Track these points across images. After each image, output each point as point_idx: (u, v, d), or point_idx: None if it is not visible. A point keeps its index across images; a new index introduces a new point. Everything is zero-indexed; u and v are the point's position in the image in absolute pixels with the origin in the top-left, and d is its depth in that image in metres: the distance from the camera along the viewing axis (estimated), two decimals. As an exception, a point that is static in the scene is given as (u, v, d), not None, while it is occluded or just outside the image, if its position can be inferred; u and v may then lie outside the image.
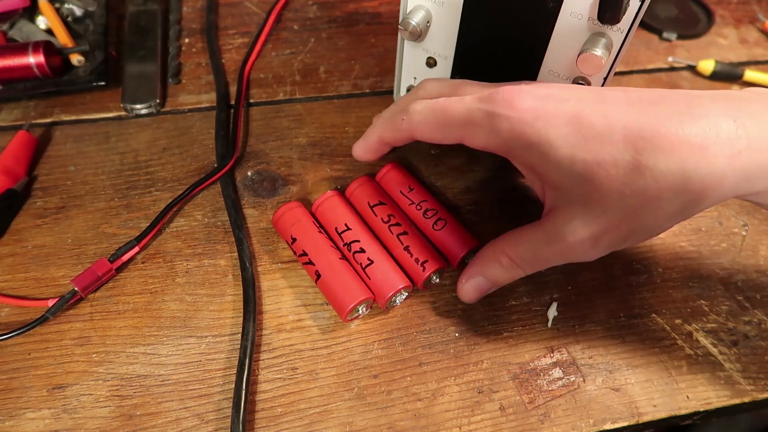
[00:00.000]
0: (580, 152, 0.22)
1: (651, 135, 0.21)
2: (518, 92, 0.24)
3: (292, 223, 0.30)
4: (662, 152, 0.21)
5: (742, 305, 0.31)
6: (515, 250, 0.26)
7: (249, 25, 0.45)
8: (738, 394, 0.28)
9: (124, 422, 0.26)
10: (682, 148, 0.21)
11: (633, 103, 0.22)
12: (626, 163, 0.22)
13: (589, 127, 0.22)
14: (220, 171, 0.34)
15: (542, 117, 0.23)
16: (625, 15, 0.26)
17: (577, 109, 0.23)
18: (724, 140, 0.21)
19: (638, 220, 0.23)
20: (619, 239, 0.24)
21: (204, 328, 0.29)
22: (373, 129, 0.30)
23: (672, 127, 0.21)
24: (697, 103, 0.22)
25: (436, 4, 0.31)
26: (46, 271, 0.30)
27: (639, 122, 0.22)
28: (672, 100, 0.22)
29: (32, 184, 0.34)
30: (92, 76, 0.39)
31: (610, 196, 0.22)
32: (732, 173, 0.21)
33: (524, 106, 0.23)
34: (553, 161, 0.23)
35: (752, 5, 0.51)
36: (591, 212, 0.23)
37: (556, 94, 0.24)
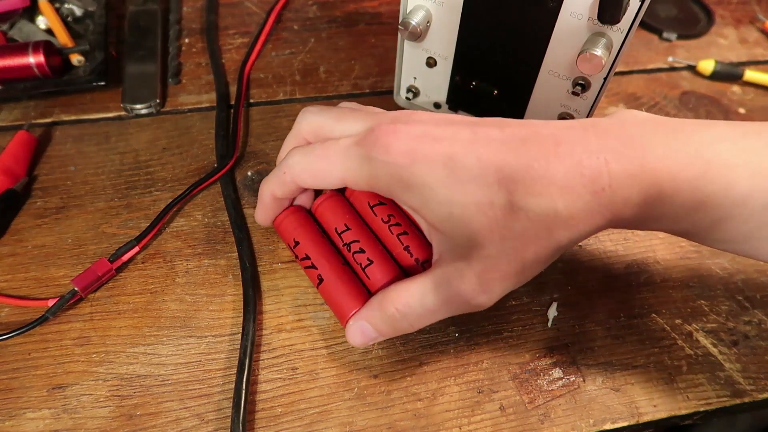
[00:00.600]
0: (457, 195, 0.23)
1: (521, 177, 0.22)
2: (393, 134, 0.24)
3: (295, 227, 0.30)
4: (533, 194, 0.22)
5: (742, 305, 0.31)
6: (403, 300, 0.24)
7: (249, 25, 0.45)
8: (738, 394, 0.28)
9: (124, 422, 0.26)
10: (550, 190, 0.22)
11: (506, 141, 0.23)
12: (501, 205, 0.22)
13: (463, 170, 0.22)
14: (220, 171, 0.34)
15: (418, 160, 0.23)
16: (625, 15, 0.26)
17: (452, 150, 0.23)
18: (587, 179, 0.21)
19: (521, 261, 0.23)
20: (508, 281, 0.24)
21: (204, 328, 0.29)
22: (263, 187, 0.29)
23: (539, 168, 0.22)
24: (564, 140, 0.22)
25: (436, 4, 0.31)
26: (46, 271, 0.30)
27: (510, 164, 0.22)
28: (542, 138, 0.22)
29: (32, 184, 0.34)
30: (92, 76, 0.39)
31: (491, 237, 0.22)
32: (599, 208, 0.22)
33: (399, 149, 0.23)
34: (433, 204, 0.23)
35: (752, 5, 0.51)
36: (474, 255, 0.23)
37: (431, 133, 0.24)
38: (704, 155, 0.21)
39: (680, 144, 0.22)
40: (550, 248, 0.23)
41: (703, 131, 0.22)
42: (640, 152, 0.22)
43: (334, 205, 0.31)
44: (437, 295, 0.24)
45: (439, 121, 0.24)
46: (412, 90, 0.37)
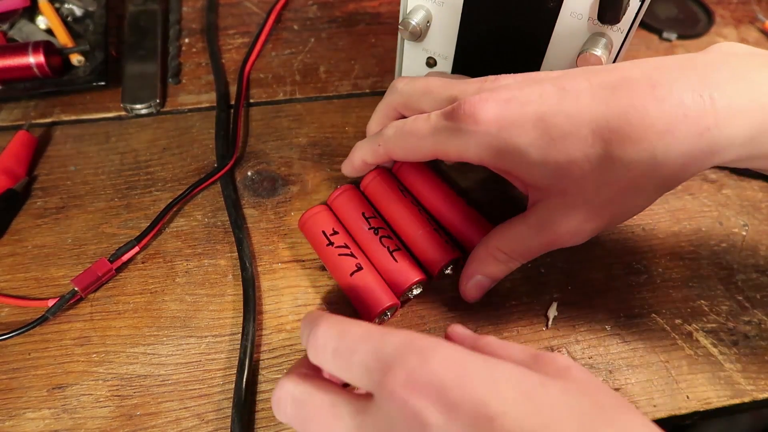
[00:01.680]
0: (551, 153, 0.23)
1: (617, 126, 0.21)
2: (480, 103, 0.24)
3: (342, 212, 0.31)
4: (630, 142, 0.21)
5: (742, 305, 0.31)
6: (507, 245, 0.26)
7: (249, 25, 0.45)
8: (738, 394, 0.28)
9: (124, 422, 0.26)
10: (648, 135, 0.21)
11: (595, 92, 0.22)
12: (597, 156, 0.22)
13: (555, 128, 0.23)
14: (220, 171, 0.34)
15: (507, 126, 0.23)
16: (625, 15, 0.26)
17: (541, 111, 0.23)
18: (691, 120, 0.21)
19: (617, 207, 0.24)
20: (603, 224, 0.25)
21: (204, 328, 0.29)
22: (356, 152, 0.31)
23: (636, 114, 0.21)
24: (660, 81, 0.22)
25: (436, 4, 0.31)
26: (46, 271, 0.30)
27: (604, 115, 0.22)
28: (634, 82, 0.22)
29: (32, 184, 0.34)
30: (92, 76, 0.39)
31: (586, 188, 0.23)
32: (701, 151, 0.21)
33: (487, 117, 0.24)
34: (526, 165, 0.24)
35: (752, 5, 0.51)
36: (571, 204, 0.24)
37: (518, 97, 0.24)
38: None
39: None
40: (644, 195, 0.23)
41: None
42: (748, 86, 0.21)
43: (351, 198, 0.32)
44: (539, 239, 0.26)
45: (525, 82, 0.24)
46: (412, 90, 0.37)
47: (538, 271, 0.32)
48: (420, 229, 0.30)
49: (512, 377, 0.17)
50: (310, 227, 0.30)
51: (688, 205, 0.35)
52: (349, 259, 0.29)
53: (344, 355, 0.19)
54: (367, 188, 0.32)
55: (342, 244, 0.29)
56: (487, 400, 0.16)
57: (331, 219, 0.31)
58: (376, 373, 0.18)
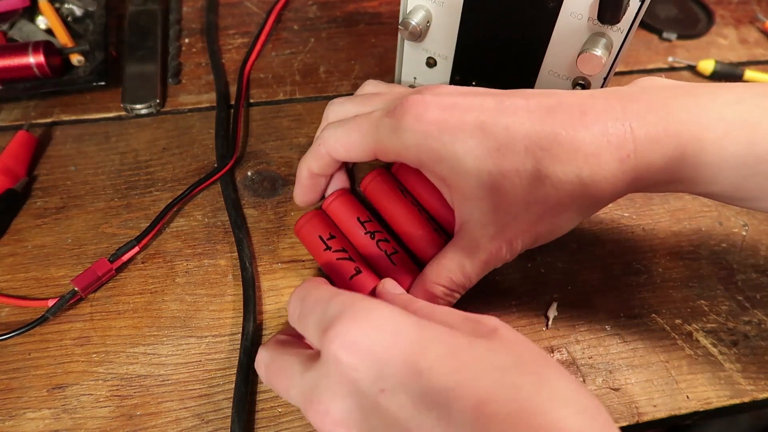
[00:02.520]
0: (486, 164, 0.23)
1: (549, 145, 0.22)
2: (422, 104, 0.24)
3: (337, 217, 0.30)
4: (559, 161, 0.22)
5: (742, 305, 0.31)
6: (444, 277, 0.26)
7: (249, 25, 0.45)
8: (738, 394, 0.28)
9: (124, 422, 0.26)
10: (577, 157, 0.22)
11: (532, 110, 0.23)
12: (528, 172, 0.23)
13: (492, 139, 0.23)
14: (220, 171, 0.34)
15: (447, 130, 0.24)
16: (625, 15, 0.26)
17: (480, 120, 0.23)
18: (614, 146, 0.22)
19: (545, 225, 0.24)
20: (530, 241, 0.25)
21: (204, 328, 0.29)
22: (300, 167, 0.30)
23: (567, 136, 0.22)
24: (589, 108, 0.23)
25: (436, 4, 0.31)
26: (46, 271, 0.30)
27: (538, 132, 0.23)
28: (567, 107, 0.23)
29: (32, 184, 0.34)
30: (92, 76, 0.39)
31: (516, 204, 0.24)
32: (623, 175, 0.23)
33: (430, 117, 0.24)
34: (462, 173, 0.24)
35: (752, 5, 0.51)
36: (501, 220, 0.24)
37: (459, 104, 0.24)
38: (726, 117, 0.22)
39: (702, 107, 0.23)
40: (570, 215, 0.24)
41: (722, 94, 0.23)
42: (663, 117, 0.22)
43: (348, 201, 0.31)
44: (475, 261, 0.25)
45: (466, 92, 0.25)
46: (412, 90, 0.37)
47: (538, 271, 0.32)
48: (420, 230, 0.30)
49: (440, 337, 0.19)
50: (306, 233, 0.30)
51: (688, 205, 0.35)
52: (347, 263, 0.28)
53: (303, 318, 0.22)
54: (367, 188, 0.32)
55: (340, 248, 0.29)
56: (415, 358, 0.18)
57: (327, 223, 0.30)
58: (320, 332, 0.20)
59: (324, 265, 0.29)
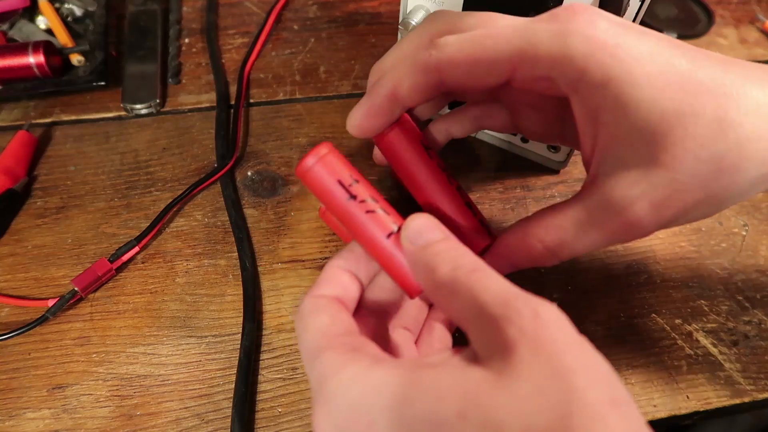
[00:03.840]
0: (661, 97, 0.18)
1: (737, 93, 0.18)
2: (593, 11, 0.19)
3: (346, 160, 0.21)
4: (747, 114, 0.18)
5: (742, 305, 0.31)
6: (553, 235, 0.21)
7: (249, 25, 0.45)
8: (738, 394, 0.28)
9: (124, 422, 0.26)
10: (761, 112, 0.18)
11: (711, 57, 0.19)
12: (709, 119, 0.18)
13: (674, 71, 0.19)
14: (220, 171, 0.34)
15: (625, 48, 0.19)
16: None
17: (660, 47, 0.19)
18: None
19: (709, 190, 0.19)
20: (679, 213, 0.20)
21: (204, 328, 0.29)
22: (382, 80, 0.22)
23: (755, 88, 0.19)
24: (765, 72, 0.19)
25: (436, 4, 0.31)
26: (46, 271, 0.30)
27: (724, 78, 0.19)
28: (747, 65, 0.20)
29: (32, 184, 0.34)
30: (92, 76, 0.39)
31: (683, 158, 0.18)
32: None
33: (605, 27, 0.19)
34: (629, 104, 0.19)
35: (752, 5, 0.51)
36: (655, 177, 0.19)
37: (633, 26, 0.20)
38: None
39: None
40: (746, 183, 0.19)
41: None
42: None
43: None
44: (599, 227, 0.20)
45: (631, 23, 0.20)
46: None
47: (538, 271, 0.31)
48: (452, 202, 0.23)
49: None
50: (317, 176, 0.21)
51: (688, 205, 0.35)
52: (382, 216, 0.21)
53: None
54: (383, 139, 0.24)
55: (368, 197, 0.21)
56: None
57: (347, 164, 0.21)
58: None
59: (348, 222, 0.21)
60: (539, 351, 0.15)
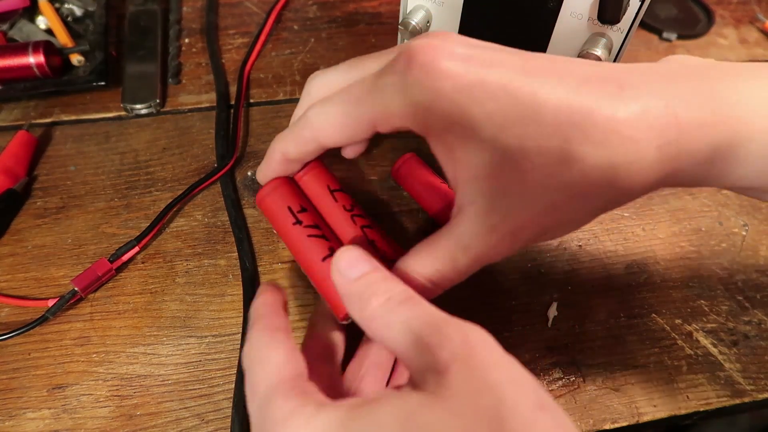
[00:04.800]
0: (504, 136, 0.19)
1: (581, 121, 0.19)
2: (432, 51, 0.19)
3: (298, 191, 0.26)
4: (592, 143, 0.19)
5: (742, 305, 0.31)
6: (431, 268, 0.22)
7: (249, 25, 0.45)
8: (738, 394, 0.28)
9: (124, 422, 0.26)
10: (612, 139, 0.19)
11: (563, 77, 0.19)
12: (553, 152, 0.19)
13: (516, 105, 0.19)
14: (220, 171, 0.34)
15: (464, 88, 0.19)
16: (625, 15, 0.26)
17: (505, 80, 0.19)
18: (656, 130, 0.19)
19: (559, 215, 0.20)
20: (537, 235, 0.21)
21: (204, 328, 0.29)
22: (274, 146, 0.25)
23: (603, 114, 0.19)
24: (628, 83, 0.19)
25: (436, 4, 0.31)
26: (46, 271, 0.30)
27: (570, 104, 0.19)
28: (603, 79, 0.19)
29: (32, 184, 0.34)
30: (92, 76, 0.39)
31: (532, 189, 0.20)
32: (660, 166, 0.19)
33: (441, 70, 0.19)
34: (474, 144, 0.20)
35: (752, 5, 0.51)
36: (510, 206, 0.20)
37: (478, 56, 0.20)
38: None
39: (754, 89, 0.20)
40: (593, 207, 0.20)
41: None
42: (711, 99, 0.19)
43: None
44: (468, 255, 0.21)
45: (482, 45, 0.21)
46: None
47: (538, 271, 0.32)
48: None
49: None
50: (271, 203, 0.25)
51: (688, 205, 0.35)
52: (320, 241, 0.24)
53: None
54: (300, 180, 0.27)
55: (312, 224, 0.24)
56: None
57: (297, 193, 0.25)
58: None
59: (291, 244, 0.25)
60: (470, 370, 0.16)
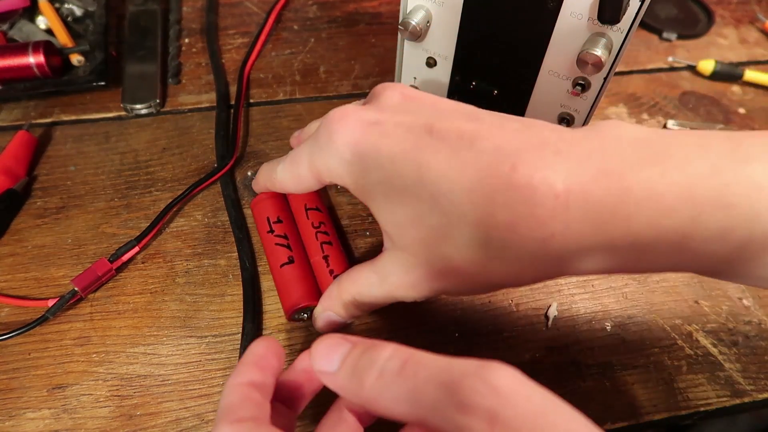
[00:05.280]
0: (391, 203, 0.21)
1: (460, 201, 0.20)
2: (339, 121, 0.22)
3: (282, 205, 0.31)
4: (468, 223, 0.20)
5: (742, 305, 0.31)
6: (354, 290, 0.25)
7: (249, 25, 0.45)
8: (738, 394, 0.28)
9: (124, 422, 0.26)
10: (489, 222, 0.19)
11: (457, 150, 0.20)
12: (433, 224, 0.21)
13: (400, 177, 0.21)
14: (220, 171, 0.34)
15: (359, 156, 0.22)
16: (625, 15, 0.26)
17: (395, 151, 0.21)
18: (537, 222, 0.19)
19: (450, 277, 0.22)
20: (444, 288, 0.23)
21: (204, 328, 0.29)
22: (260, 174, 0.30)
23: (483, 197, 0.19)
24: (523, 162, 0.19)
25: (436, 4, 0.31)
26: (46, 271, 0.30)
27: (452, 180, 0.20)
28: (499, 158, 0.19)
29: (32, 184, 0.34)
30: (92, 76, 0.39)
31: (419, 249, 0.22)
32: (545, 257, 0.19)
33: (343, 139, 0.22)
34: (373, 206, 0.23)
35: (752, 5, 0.51)
36: (411, 261, 0.22)
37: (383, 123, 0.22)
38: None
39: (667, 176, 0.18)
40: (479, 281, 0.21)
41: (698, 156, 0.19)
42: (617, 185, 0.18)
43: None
44: (380, 289, 0.24)
45: (404, 108, 0.23)
46: (412, 90, 0.37)
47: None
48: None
49: None
50: (258, 211, 0.31)
51: (688, 205, 0.35)
52: (283, 249, 0.29)
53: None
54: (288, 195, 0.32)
55: (281, 234, 0.30)
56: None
57: (280, 207, 0.31)
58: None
59: (264, 247, 0.30)
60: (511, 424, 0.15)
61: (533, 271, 0.20)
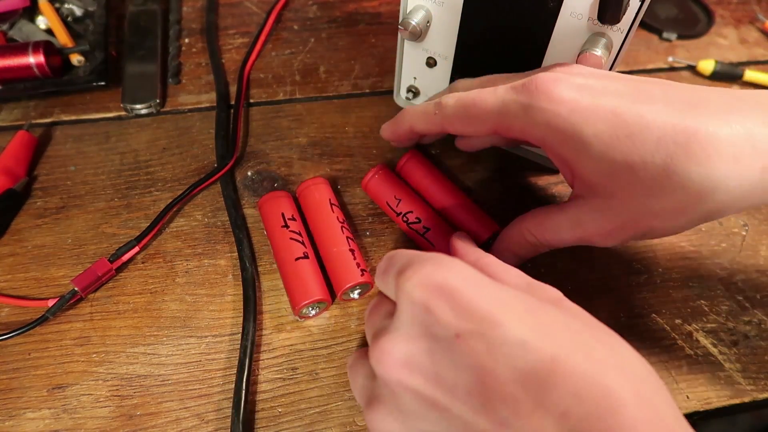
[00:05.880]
0: (612, 151, 0.22)
1: (685, 140, 0.21)
2: (554, 82, 0.23)
3: (294, 205, 0.32)
4: (694, 160, 0.21)
5: (742, 305, 0.31)
6: (539, 230, 0.27)
7: (249, 25, 0.45)
8: (738, 394, 0.28)
9: (124, 422, 0.26)
10: (714, 157, 0.21)
11: (671, 102, 0.22)
12: (656, 166, 0.22)
13: (623, 126, 0.22)
14: (220, 171, 0.34)
15: (578, 111, 0.23)
16: (625, 15, 0.26)
17: (614, 105, 0.22)
18: (759, 152, 0.21)
19: (658, 223, 0.23)
20: (635, 235, 0.24)
21: (204, 328, 0.29)
22: (404, 116, 0.31)
23: (707, 134, 0.21)
24: (735, 108, 0.21)
25: (436, 4, 0.31)
26: (46, 271, 0.30)
27: (675, 125, 0.21)
28: (711, 103, 0.22)
29: (32, 184, 0.34)
30: (92, 76, 0.39)
31: (634, 197, 0.23)
32: (761, 185, 0.21)
33: (560, 97, 0.23)
34: (585, 157, 0.23)
35: (752, 5, 0.51)
36: (613, 208, 0.24)
37: (593, 86, 0.23)
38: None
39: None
40: (690, 219, 0.23)
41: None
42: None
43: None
44: (572, 233, 0.26)
45: (601, 75, 0.24)
46: (412, 90, 0.37)
47: (538, 271, 0.32)
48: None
49: (517, 296, 0.20)
50: (270, 207, 0.31)
51: (688, 205, 0.35)
52: (297, 244, 0.29)
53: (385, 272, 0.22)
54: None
55: (296, 231, 0.30)
56: (495, 310, 0.19)
57: (292, 205, 0.32)
58: (396, 277, 0.21)
59: (275, 241, 0.30)
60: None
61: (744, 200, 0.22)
